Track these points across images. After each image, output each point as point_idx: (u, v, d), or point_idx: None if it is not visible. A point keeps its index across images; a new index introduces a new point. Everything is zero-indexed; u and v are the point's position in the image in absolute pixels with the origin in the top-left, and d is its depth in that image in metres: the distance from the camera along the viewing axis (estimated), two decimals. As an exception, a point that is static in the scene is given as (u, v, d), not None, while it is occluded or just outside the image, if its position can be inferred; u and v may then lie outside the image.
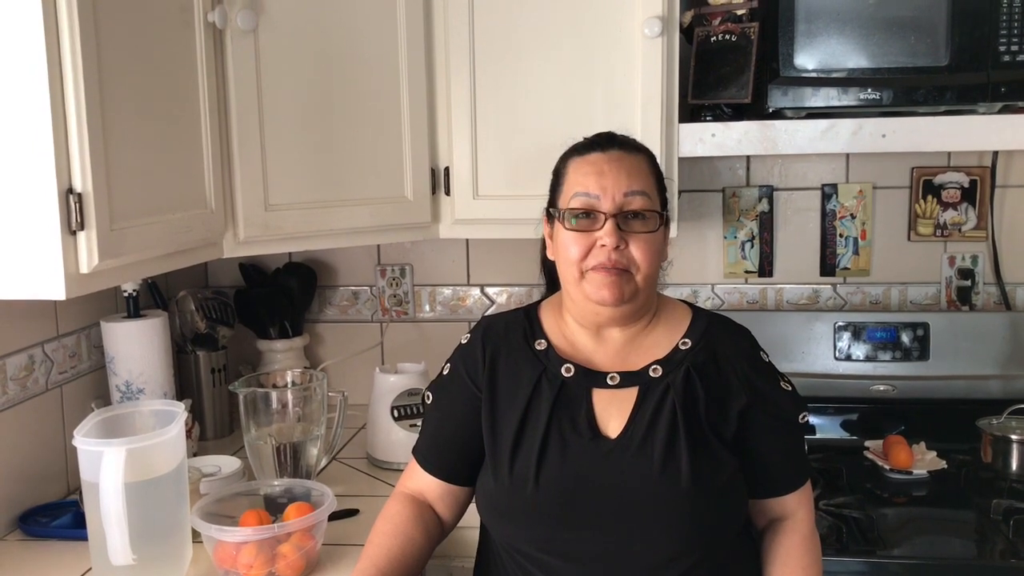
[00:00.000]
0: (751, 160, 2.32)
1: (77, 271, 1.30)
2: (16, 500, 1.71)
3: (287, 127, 1.79)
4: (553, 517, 1.32)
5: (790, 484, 1.42)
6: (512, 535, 1.38)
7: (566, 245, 1.36)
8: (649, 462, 1.31)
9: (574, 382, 1.39)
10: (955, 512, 1.85)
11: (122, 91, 1.39)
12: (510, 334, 1.45)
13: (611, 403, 1.38)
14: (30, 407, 1.75)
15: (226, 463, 1.85)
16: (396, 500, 1.47)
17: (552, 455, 1.34)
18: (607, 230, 1.32)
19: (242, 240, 1.76)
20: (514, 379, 1.41)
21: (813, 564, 1.40)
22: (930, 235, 2.29)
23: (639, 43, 1.87)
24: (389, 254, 2.44)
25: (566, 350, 1.42)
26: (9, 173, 1.26)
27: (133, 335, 1.89)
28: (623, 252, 1.33)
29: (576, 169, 1.39)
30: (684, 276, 2.36)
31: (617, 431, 1.35)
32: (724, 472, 1.34)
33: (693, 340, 1.41)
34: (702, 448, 1.33)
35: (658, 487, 1.31)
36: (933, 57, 1.81)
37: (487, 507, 1.40)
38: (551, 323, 1.46)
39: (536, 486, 1.32)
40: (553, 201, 1.43)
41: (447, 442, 1.46)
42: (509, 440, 1.37)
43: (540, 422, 1.36)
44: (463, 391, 1.44)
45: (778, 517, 1.44)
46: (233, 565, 1.46)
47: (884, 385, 2.19)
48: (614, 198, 1.34)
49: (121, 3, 1.39)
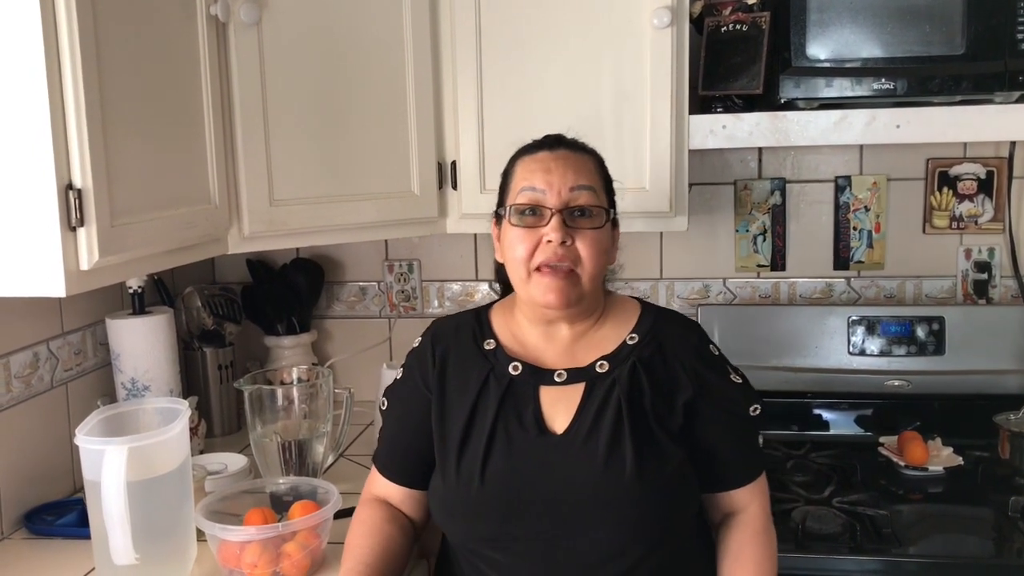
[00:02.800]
0: (763, 152, 2.29)
1: (77, 268, 1.28)
2: (22, 498, 1.70)
3: (292, 121, 1.77)
4: (500, 513, 1.34)
5: (741, 478, 1.43)
6: (462, 533, 1.40)
7: (512, 244, 1.38)
8: (594, 456, 1.33)
9: (521, 380, 1.40)
10: (972, 510, 1.82)
11: (123, 86, 1.37)
12: (460, 335, 1.47)
13: (559, 400, 1.39)
14: (35, 405, 1.75)
15: (232, 461, 1.84)
16: (365, 506, 1.49)
17: (498, 452, 1.36)
18: (553, 225, 1.34)
19: (247, 236, 1.74)
20: (463, 379, 1.43)
21: (767, 559, 1.40)
22: (946, 227, 2.26)
23: (648, 34, 1.84)
24: (397, 249, 2.42)
25: (515, 349, 1.44)
26: (8, 169, 1.24)
27: (139, 332, 1.88)
28: (569, 248, 1.35)
29: (524, 167, 1.41)
30: (695, 270, 2.34)
31: (563, 427, 1.37)
32: (670, 465, 1.34)
33: (640, 335, 1.43)
34: (647, 441, 1.34)
35: (603, 481, 1.31)
36: (948, 46, 1.78)
37: (437, 507, 1.42)
38: (501, 323, 1.48)
39: (481, 483, 1.34)
40: (501, 202, 1.45)
41: (404, 447, 1.48)
42: (457, 439, 1.38)
43: (487, 420, 1.38)
44: (415, 394, 1.46)
45: (731, 512, 1.44)
46: (237, 564, 1.44)
47: (899, 380, 2.17)
48: (560, 193, 1.36)
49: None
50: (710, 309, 2.25)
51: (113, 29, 1.34)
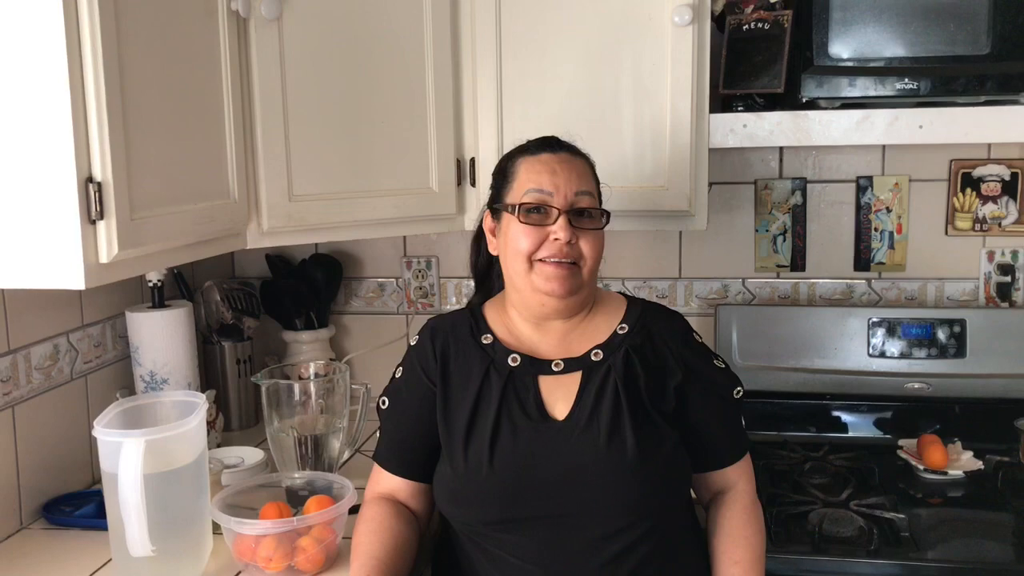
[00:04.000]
0: (784, 152, 2.27)
1: (97, 260, 1.29)
2: (41, 489, 1.72)
3: (311, 117, 1.78)
4: (508, 497, 1.40)
5: (729, 457, 1.52)
6: (469, 517, 1.45)
7: (517, 237, 1.45)
8: (596, 439, 1.40)
9: (521, 370, 1.48)
10: (991, 514, 1.80)
11: (143, 80, 1.37)
12: (457, 331, 1.54)
13: (557, 388, 1.47)
14: (55, 396, 1.76)
15: (249, 454, 1.85)
16: (370, 505, 1.52)
17: (504, 439, 1.42)
18: (560, 225, 1.42)
19: (266, 231, 1.74)
20: (464, 372, 1.49)
21: (756, 534, 1.48)
22: (968, 229, 2.23)
23: (669, 32, 1.83)
24: (415, 246, 2.42)
25: (511, 343, 1.51)
26: (29, 161, 1.25)
27: (158, 325, 1.89)
28: (573, 246, 1.44)
29: (528, 168, 1.48)
30: (714, 270, 2.33)
31: (564, 413, 1.44)
32: (666, 444, 1.43)
33: (630, 324, 1.52)
34: (645, 422, 1.42)
35: (606, 461, 1.39)
36: (973, 45, 1.76)
37: (444, 494, 1.47)
38: (495, 319, 1.55)
39: (491, 468, 1.41)
40: (499, 198, 1.52)
41: (408, 441, 1.53)
42: (462, 428, 1.45)
43: (491, 409, 1.45)
44: (419, 388, 1.52)
45: (721, 490, 1.53)
46: (252, 558, 1.45)
47: (919, 383, 2.15)
48: (566, 196, 1.44)
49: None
50: (729, 309, 2.24)
51: (134, 23, 1.35)
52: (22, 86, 1.24)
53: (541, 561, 1.39)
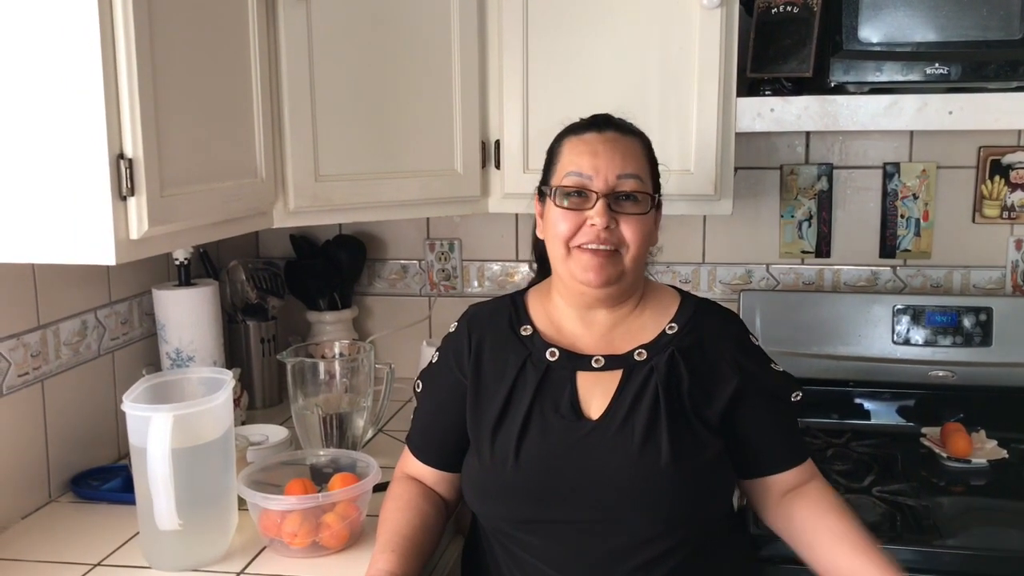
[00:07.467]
0: (810, 136, 2.26)
1: (127, 237, 1.30)
2: (68, 463, 1.74)
3: (338, 97, 1.78)
4: (532, 495, 1.35)
5: (789, 461, 1.45)
6: (493, 514, 1.42)
7: (555, 222, 1.39)
8: (629, 442, 1.34)
9: (559, 365, 1.42)
10: (1015, 503, 1.79)
11: (174, 58, 1.38)
12: (496, 321, 1.49)
13: (595, 385, 1.40)
14: (82, 372, 1.78)
15: (273, 432, 1.86)
16: (399, 482, 1.51)
17: (532, 434, 1.37)
18: (597, 210, 1.35)
19: (292, 210, 1.75)
20: (499, 365, 1.44)
21: (844, 505, 1.41)
22: (996, 217, 2.21)
23: (697, 14, 1.83)
24: (438, 228, 2.43)
25: (552, 335, 1.45)
26: (61, 138, 1.26)
27: (184, 303, 1.90)
28: (613, 231, 1.36)
29: (571, 148, 1.41)
30: (738, 255, 2.32)
31: (599, 412, 1.38)
32: (705, 453, 1.35)
33: (680, 324, 1.44)
34: (683, 429, 1.35)
35: (637, 466, 1.33)
36: (1005, 30, 1.74)
37: (470, 487, 1.44)
38: (537, 308, 1.49)
39: (516, 463, 1.36)
40: (546, 179, 1.46)
41: (437, 430, 1.50)
42: (491, 421, 1.40)
43: (523, 404, 1.39)
44: (450, 379, 1.48)
45: (792, 487, 1.44)
46: (277, 533, 1.46)
47: (943, 371, 2.13)
48: (607, 179, 1.37)
49: (174, -31, 1.38)
50: (752, 295, 2.23)
51: (165, 2, 1.35)
52: (56, 64, 1.25)
53: (565, 568, 1.35)
